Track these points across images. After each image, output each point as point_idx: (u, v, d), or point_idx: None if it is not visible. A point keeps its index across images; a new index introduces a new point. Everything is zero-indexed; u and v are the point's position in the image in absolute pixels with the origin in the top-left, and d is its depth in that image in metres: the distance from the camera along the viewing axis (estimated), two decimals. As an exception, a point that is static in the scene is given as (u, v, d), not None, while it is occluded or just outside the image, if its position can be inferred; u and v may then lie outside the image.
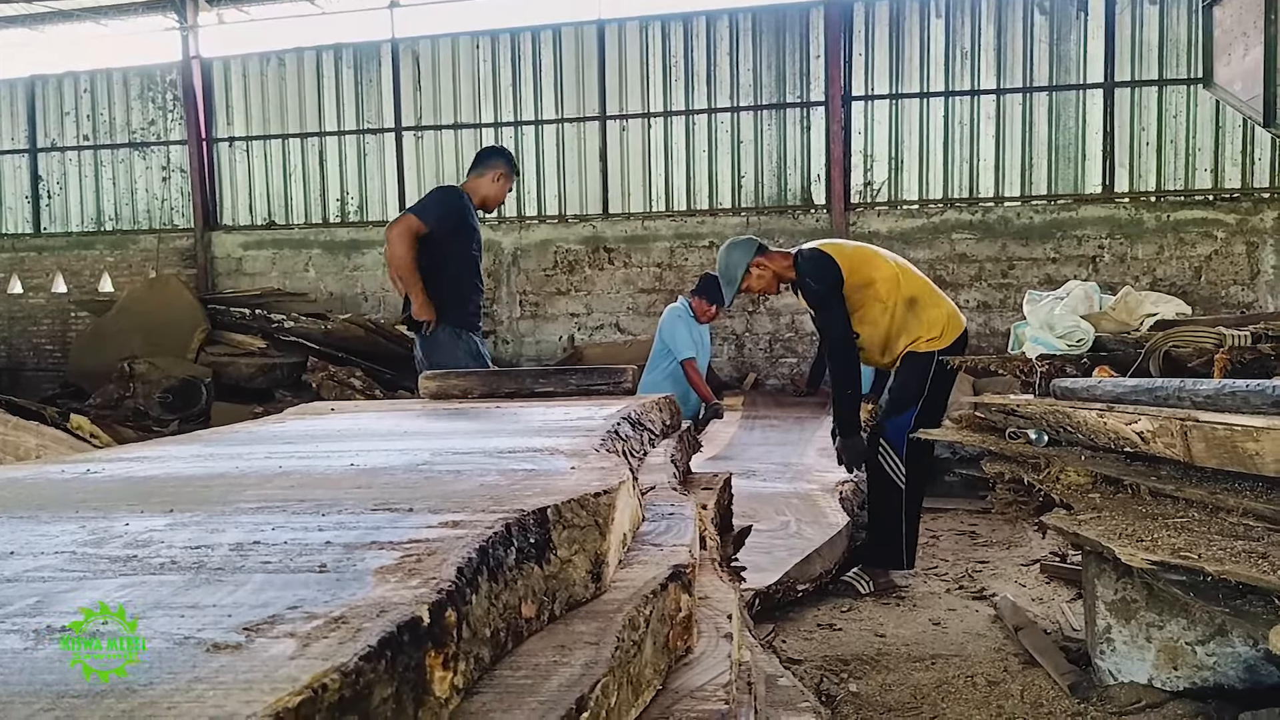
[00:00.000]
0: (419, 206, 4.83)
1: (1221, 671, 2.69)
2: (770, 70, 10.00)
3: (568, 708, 0.83)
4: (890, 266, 4.36)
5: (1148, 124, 9.30)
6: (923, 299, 4.33)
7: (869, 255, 4.41)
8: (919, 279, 4.44)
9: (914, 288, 4.34)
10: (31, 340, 11.92)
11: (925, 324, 4.30)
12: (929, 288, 4.43)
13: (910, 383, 4.30)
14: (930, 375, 4.26)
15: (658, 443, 2.56)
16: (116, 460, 1.78)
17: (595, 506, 1.22)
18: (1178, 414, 2.40)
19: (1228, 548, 2.13)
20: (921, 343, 4.29)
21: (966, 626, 3.80)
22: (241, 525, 1.10)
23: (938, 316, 4.32)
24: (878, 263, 4.36)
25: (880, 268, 4.33)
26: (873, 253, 4.46)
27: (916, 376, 4.28)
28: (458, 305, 4.85)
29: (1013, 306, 9.19)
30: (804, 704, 1.68)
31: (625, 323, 10.28)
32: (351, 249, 10.99)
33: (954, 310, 4.43)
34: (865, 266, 4.31)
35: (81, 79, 11.76)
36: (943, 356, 4.25)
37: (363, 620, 0.72)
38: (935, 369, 4.25)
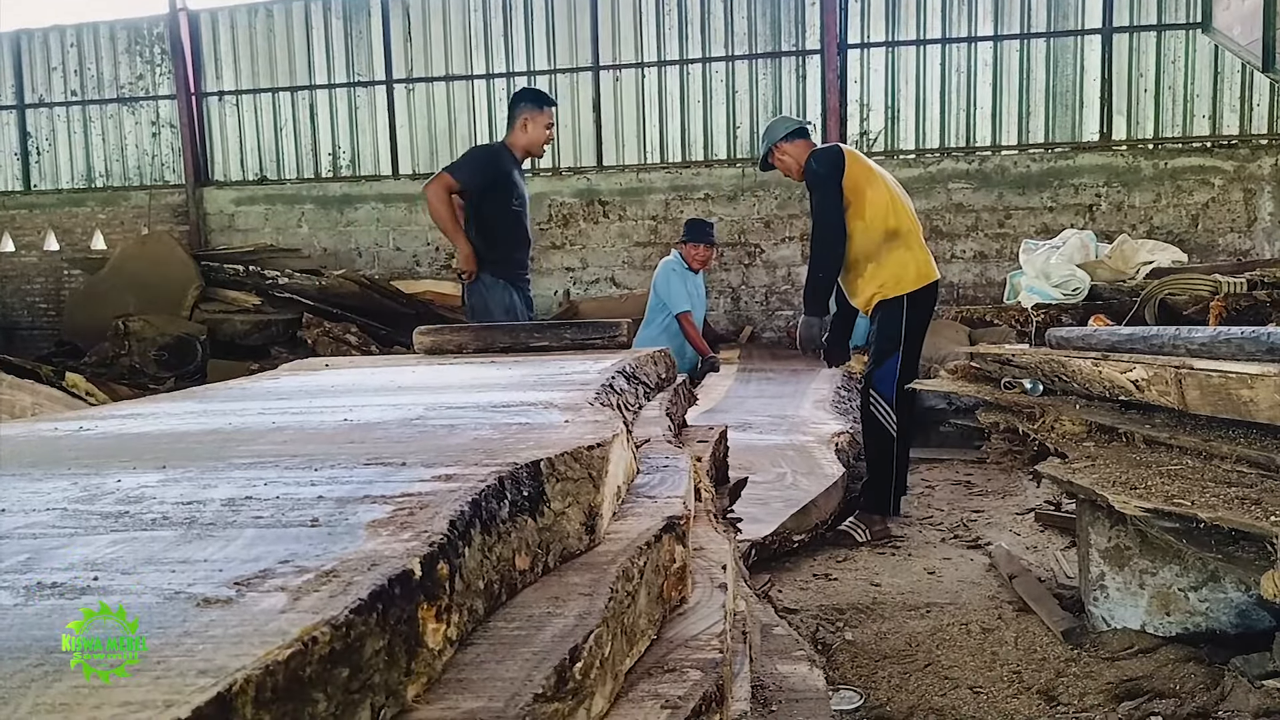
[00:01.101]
0: (453, 164, 4.96)
1: (1214, 617, 2.72)
2: (765, 18, 9.88)
3: (561, 658, 0.83)
4: (887, 193, 4.39)
5: (1146, 70, 9.22)
6: (904, 237, 4.36)
7: (874, 173, 4.44)
8: (910, 219, 4.44)
9: (901, 223, 4.37)
10: (25, 299, 11.86)
11: (892, 266, 4.33)
12: (915, 232, 4.44)
13: (887, 330, 4.35)
14: (904, 320, 4.31)
15: (653, 396, 2.56)
16: (110, 418, 1.78)
17: (589, 459, 1.22)
18: (1172, 362, 2.40)
19: (1221, 494, 2.14)
20: (887, 288, 4.33)
21: (961, 575, 3.83)
22: (234, 481, 1.10)
23: (907, 259, 4.34)
24: (878, 183, 4.39)
25: (877, 188, 4.36)
26: (881, 175, 4.47)
27: (892, 321, 4.34)
28: (498, 258, 4.94)
29: (1009, 256, 9.16)
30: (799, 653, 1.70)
31: (621, 276, 10.24)
32: (344, 204, 10.91)
33: (928, 260, 4.44)
34: (866, 178, 4.36)
35: (68, 33, 11.58)
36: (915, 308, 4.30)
37: (354, 574, 0.72)
38: (908, 314, 4.29)
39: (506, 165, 4.96)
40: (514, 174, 4.99)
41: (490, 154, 5.03)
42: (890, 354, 4.33)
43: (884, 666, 2.88)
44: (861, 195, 4.32)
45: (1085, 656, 2.77)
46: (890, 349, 4.34)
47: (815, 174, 4.38)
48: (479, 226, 4.93)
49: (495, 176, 4.90)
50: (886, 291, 4.33)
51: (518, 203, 4.98)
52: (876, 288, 4.35)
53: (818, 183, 4.37)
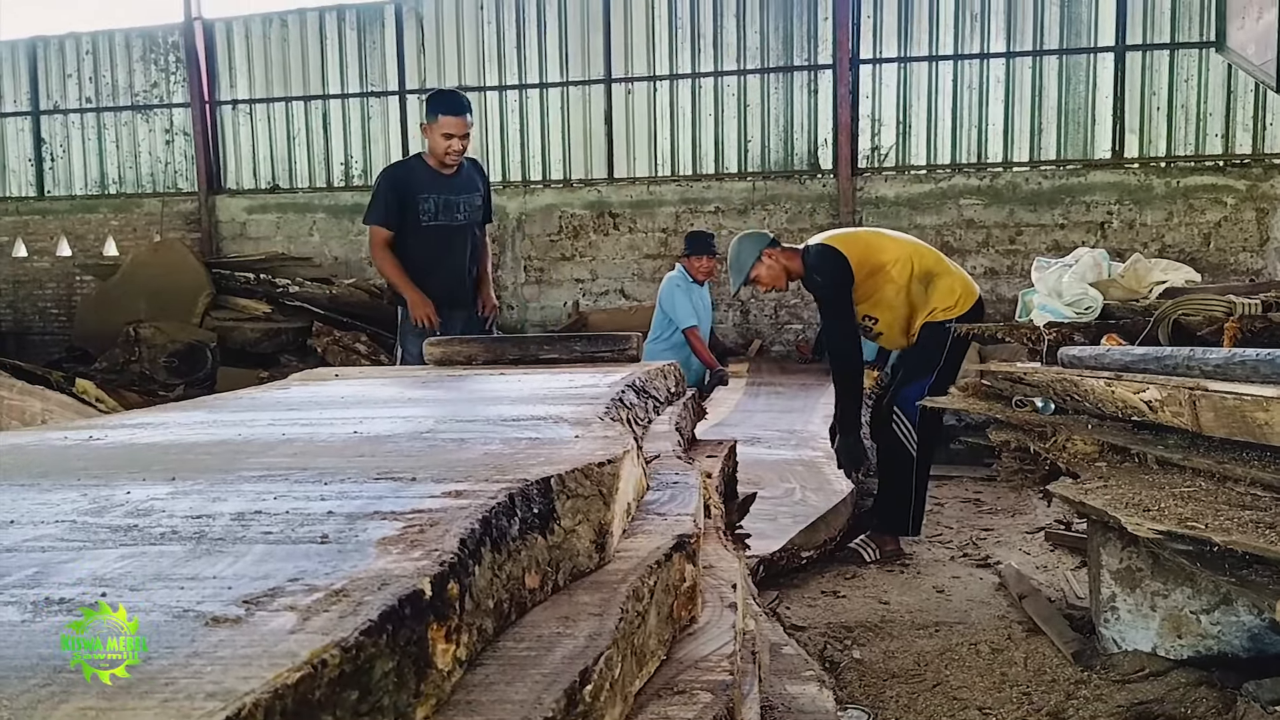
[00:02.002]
0: (368, 210, 4.65)
1: (1226, 640, 2.69)
2: (777, 32, 9.89)
3: (571, 680, 0.82)
4: (900, 247, 4.34)
5: (1159, 88, 9.20)
6: (937, 273, 4.32)
7: (876, 240, 4.39)
8: (931, 254, 4.42)
9: (927, 264, 4.33)
10: (37, 304, 11.90)
11: (941, 294, 4.28)
12: (942, 261, 4.42)
13: (928, 352, 4.28)
14: (948, 344, 4.24)
15: (662, 410, 2.55)
16: (119, 427, 1.78)
17: (599, 476, 1.21)
18: (1186, 383, 2.38)
19: (1235, 517, 2.12)
20: (938, 312, 4.28)
21: (970, 594, 3.81)
22: (244, 494, 1.10)
23: (952, 285, 4.31)
24: (886, 245, 4.34)
25: (888, 250, 4.31)
26: (880, 236, 4.45)
27: (935, 346, 4.26)
28: (420, 281, 4.58)
29: (1020, 273, 9.14)
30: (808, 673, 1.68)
31: (630, 289, 10.24)
32: (356, 213, 10.91)
33: (967, 279, 4.42)
34: (874, 253, 4.29)
35: (83, 40, 11.65)
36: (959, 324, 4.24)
37: (364, 593, 0.71)
38: (952, 338, 4.23)
39: (411, 181, 4.55)
40: (423, 188, 4.54)
41: (387, 177, 4.61)
42: (924, 376, 4.26)
43: (892, 686, 2.86)
44: (880, 268, 4.26)
45: (1095, 679, 2.75)
46: (925, 371, 4.26)
47: (822, 289, 4.32)
48: (404, 253, 4.53)
49: (402, 198, 4.52)
50: (936, 315, 4.27)
51: (427, 217, 4.54)
52: (927, 313, 4.30)
53: (825, 299, 4.32)
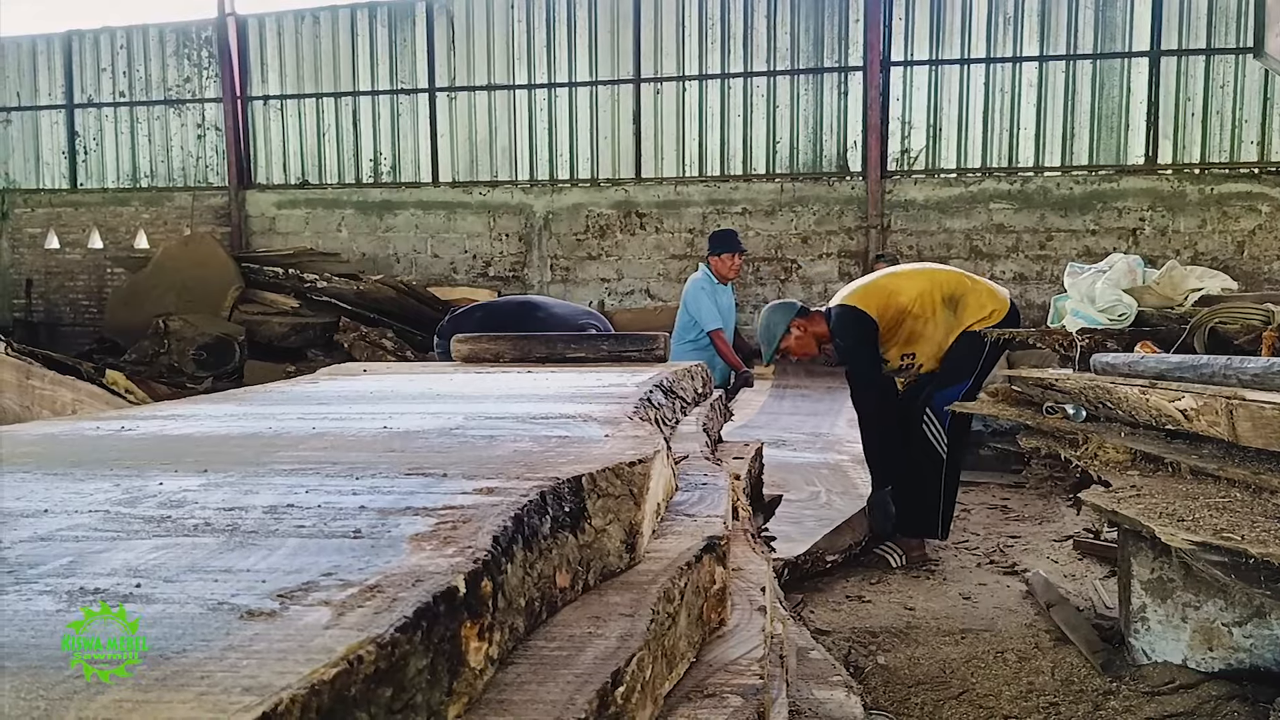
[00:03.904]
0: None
1: (1258, 654, 2.65)
2: (808, 34, 9.85)
3: (603, 681, 0.81)
4: (916, 283, 4.35)
5: (1194, 94, 9.09)
6: (960, 293, 4.32)
7: (892, 284, 4.40)
8: (950, 276, 4.41)
9: (948, 288, 4.33)
10: (68, 296, 12.04)
11: (971, 310, 4.28)
12: (963, 280, 4.40)
13: (965, 359, 4.26)
14: (985, 352, 4.23)
15: (689, 411, 2.54)
16: (151, 418, 1.78)
17: (630, 476, 1.21)
18: (1223, 392, 2.35)
19: (1272, 529, 2.09)
20: (974, 325, 4.26)
21: (997, 601, 3.77)
22: (275, 487, 1.10)
23: (980, 300, 4.30)
24: (902, 286, 4.35)
25: (905, 290, 4.32)
26: (894, 278, 4.46)
27: (971, 352, 4.25)
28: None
29: (1050, 278, 9.06)
30: (835, 678, 1.67)
31: (656, 289, 10.23)
32: (384, 209, 11.00)
33: (993, 289, 4.40)
34: (894, 297, 4.31)
35: (118, 35, 11.77)
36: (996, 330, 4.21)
37: (398, 589, 0.70)
38: (989, 346, 4.22)
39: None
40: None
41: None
42: (959, 381, 4.25)
43: (917, 693, 2.83)
44: (904, 311, 4.28)
45: (1124, 690, 2.71)
46: (960, 377, 4.26)
47: (845, 350, 4.39)
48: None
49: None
50: (973, 326, 4.27)
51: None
52: (962, 329, 4.29)
53: (850, 357, 4.39)
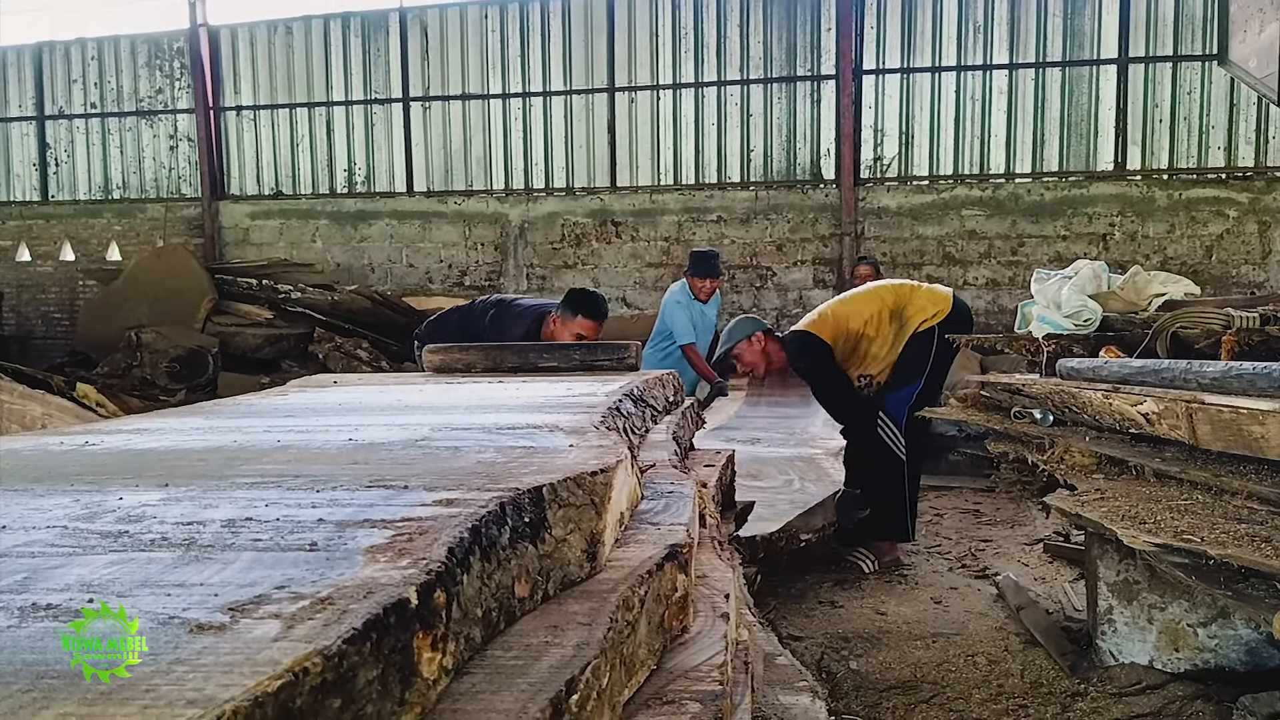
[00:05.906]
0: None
1: (1223, 654, 2.69)
2: (781, 43, 9.91)
3: (557, 689, 0.82)
4: (867, 305, 4.46)
5: (1161, 100, 9.21)
6: (904, 304, 4.43)
7: (843, 309, 4.52)
8: (892, 291, 4.53)
9: (892, 303, 4.44)
10: (40, 308, 11.93)
11: (914, 316, 4.39)
12: (903, 290, 4.51)
13: (913, 361, 4.36)
14: (932, 351, 4.33)
15: (660, 419, 2.55)
16: (115, 432, 1.78)
17: (592, 485, 1.22)
18: (1184, 396, 2.38)
19: (1231, 531, 2.12)
20: (920, 326, 4.37)
21: (968, 605, 3.80)
22: (235, 501, 1.10)
23: (921, 305, 4.41)
24: (853, 312, 4.47)
25: (856, 315, 4.44)
26: (844, 304, 4.57)
27: (920, 354, 4.36)
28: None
29: (1021, 284, 9.14)
30: (801, 683, 1.68)
31: (632, 297, 10.25)
32: (359, 220, 10.96)
33: (933, 290, 4.54)
34: (846, 322, 4.44)
35: (89, 46, 11.69)
36: (946, 333, 4.28)
37: (349, 601, 0.71)
38: (936, 345, 4.31)
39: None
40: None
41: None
42: (911, 381, 4.35)
43: (889, 697, 2.85)
44: (857, 335, 4.42)
45: (1092, 691, 2.74)
46: (910, 379, 4.35)
47: (807, 374, 4.68)
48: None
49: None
50: (919, 329, 4.37)
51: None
52: (911, 332, 4.40)
53: (810, 373, 4.65)
